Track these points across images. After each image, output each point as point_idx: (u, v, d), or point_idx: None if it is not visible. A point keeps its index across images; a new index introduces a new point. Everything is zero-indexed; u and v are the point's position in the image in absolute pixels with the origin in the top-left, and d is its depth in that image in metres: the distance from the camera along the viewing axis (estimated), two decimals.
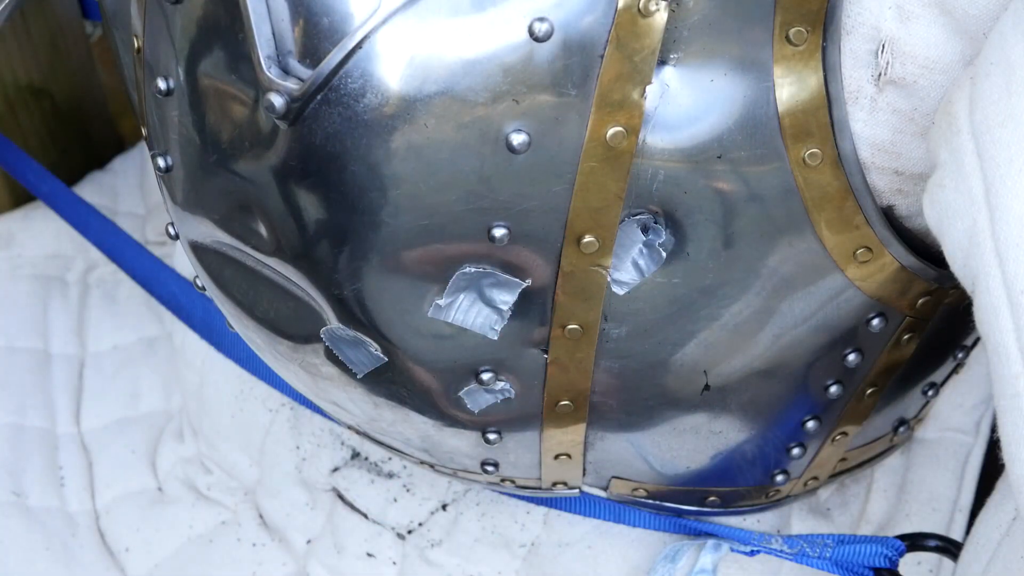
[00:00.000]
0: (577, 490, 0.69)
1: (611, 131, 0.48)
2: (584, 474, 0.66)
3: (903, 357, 0.61)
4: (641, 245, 0.52)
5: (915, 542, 0.65)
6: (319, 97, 0.49)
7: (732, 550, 0.70)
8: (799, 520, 0.74)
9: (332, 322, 0.57)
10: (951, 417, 0.77)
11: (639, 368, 0.58)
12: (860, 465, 0.73)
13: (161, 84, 0.55)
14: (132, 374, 0.92)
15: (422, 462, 0.69)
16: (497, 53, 0.47)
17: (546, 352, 0.56)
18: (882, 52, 0.49)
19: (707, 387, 0.59)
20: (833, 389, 0.61)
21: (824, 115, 0.49)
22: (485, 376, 0.57)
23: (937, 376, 0.68)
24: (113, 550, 0.82)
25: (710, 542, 0.70)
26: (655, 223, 0.52)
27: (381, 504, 0.78)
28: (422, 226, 0.51)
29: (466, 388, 0.58)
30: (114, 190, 1.06)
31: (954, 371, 0.70)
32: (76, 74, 1.04)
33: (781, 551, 0.68)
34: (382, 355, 0.57)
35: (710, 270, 0.53)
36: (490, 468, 0.66)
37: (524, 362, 0.57)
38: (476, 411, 0.60)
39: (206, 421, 0.86)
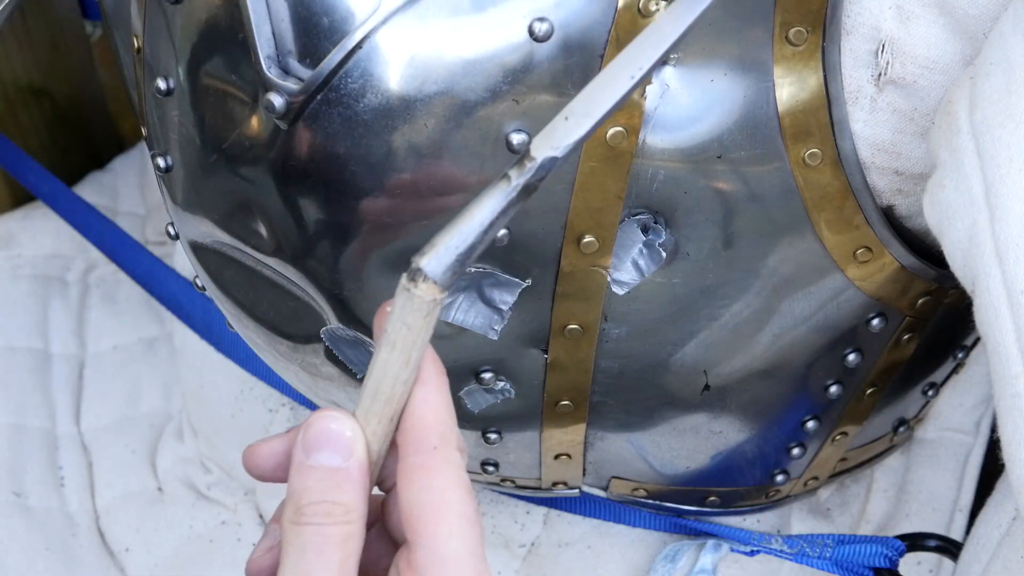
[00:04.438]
0: (577, 490, 0.69)
1: (611, 131, 0.48)
2: (584, 474, 0.66)
3: (903, 357, 0.61)
4: (641, 245, 0.52)
5: (915, 542, 0.65)
6: (319, 97, 0.49)
7: (732, 550, 0.70)
8: (799, 520, 0.74)
9: (332, 322, 0.57)
10: (951, 417, 0.77)
11: (639, 368, 0.58)
12: (860, 465, 0.73)
13: (161, 84, 0.55)
14: (132, 374, 0.92)
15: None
16: (497, 53, 0.47)
17: (546, 352, 0.56)
18: (882, 52, 0.49)
19: (707, 387, 0.59)
20: (833, 389, 0.61)
21: (824, 115, 0.49)
22: (485, 376, 0.57)
23: (937, 376, 0.68)
24: (113, 550, 0.82)
25: (710, 542, 0.70)
26: (655, 223, 0.52)
27: None
28: (422, 226, 0.51)
29: (466, 388, 0.58)
30: (114, 190, 1.06)
31: (954, 371, 0.70)
32: (76, 74, 1.03)
33: (781, 551, 0.68)
34: None
35: (710, 270, 0.53)
36: (490, 468, 0.66)
37: (524, 362, 0.57)
38: (476, 411, 0.60)
39: (206, 421, 0.86)
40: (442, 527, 0.37)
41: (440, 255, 0.38)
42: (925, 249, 0.55)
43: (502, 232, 0.51)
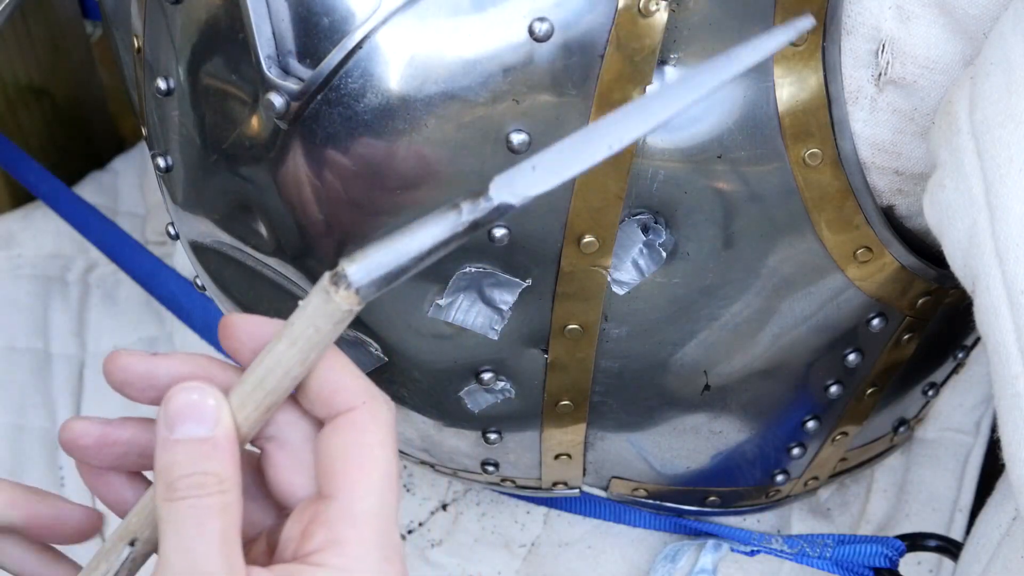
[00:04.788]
0: (577, 490, 0.69)
1: None
2: (584, 474, 0.66)
3: (903, 357, 0.61)
4: (641, 245, 0.52)
5: (915, 542, 0.65)
6: (319, 97, 0.49)
7: (732, 550, 0.70)
8: (799, 520, 0.74)
9: None
10: (951, 417, 0.77)
11: (639, 368, 0.58)
12: (860, 465, 0.73)
13: (161, 84, 0.55)
14: None
15: (422, 462, 0.69)
16: (497, 53, 0.47)
17: (546, 352, 0.56)
18: (882, 52, 0.49)
19: (707, 387, 0.59)
20: (833, 389, 0.61)
21: (824, 115, 0.49)
22: (485, 376, 0.57)
23: (937, 376, 0.68)
24: None
25: (710, 542, 0.70)
26: (655, 223, 0.52)
27: None
28: None
29: (466, 388, 0.58)
30: (114, 190, 1.06)
31: (954, 371, 0.70)
32: (76, 74, 1.03)
33: (781, 551, 0.68)
34: (382, 355, 0.57)
35: (710, 270, 0.53)
36: (490, 468, 0.66)
37: (524, 362, 0.57)
38: (476, 411, 0.60)
39: None
40: (362, 483, 0.37)
41: (370, 267, 0.36)
42: (925, 249, 0.55)
43: (502, 232, 0.51)
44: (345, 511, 0.37)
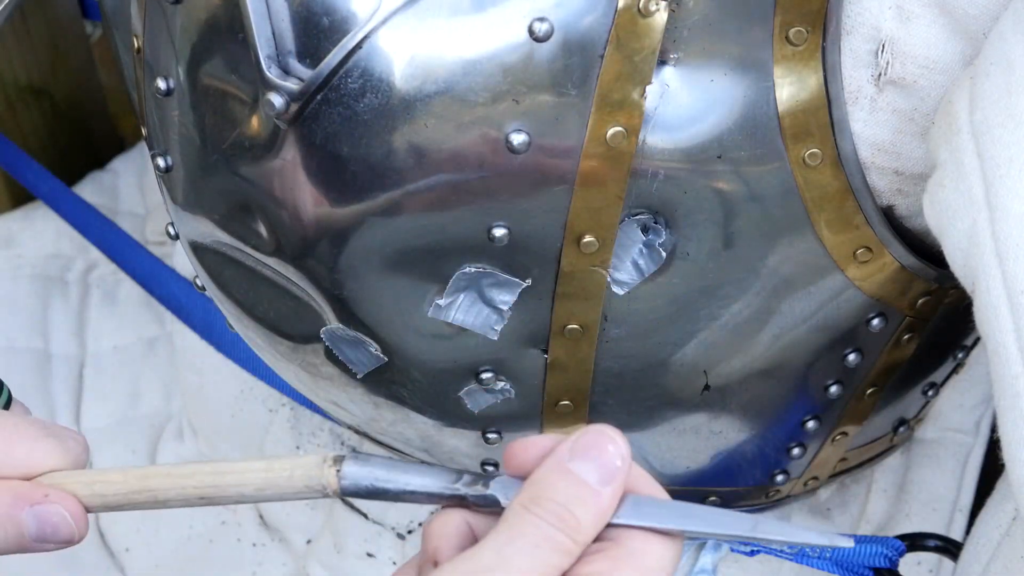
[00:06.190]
0: None
1: (611, 131, 0.48)
2: None
3: (903, 357, 0.61)
4: (641, 245, 0.52)
5: (915, 542, 0.65)
6: (319, 97, 0.49)
7: (732, 550, 0.70)
8: (799, 520, 0.74)
9: (332, 322, 0.57)
10: (951, 417, 0.77)
11: (639, 368, 0.58)
12: (860, 465, 0.73)
13: (161, 84, 0.55)
14: (132, 374, 0.92)
15: (422, 462, 0.69)
16: (497, 53, 0.47)
17: (546, 352, 0.56)
18: (882, 52, 0.49)
19: (707, 387, 0.59)
20: (833, 389, 0.61)
21: (824, 115, 0.49)
22: (485, 376, 0.57)
23: (937, 376, 0.68)
24: (113, 550, 0.82)
25: (710, 542, 0.70)
26: (655, 223, 0.52)
27: (381, 504, 0.78)
28: (422, 226, 0.51)
29: (466, 388, 0.58)
30: (114, 190, 1.06)
31: (954, 371, 0.70)
32: (76, 74, 1.04)
33: (781, 551, 0.68)
34: (382, 355, 0.57)
35: (710, 270, 0.53)
36: (490, 468, 0.66)
37: (524, 362, 0.57)
38: (476, 411, 0.60)
39: (206, 421, 0.86)
40: (655, 546, 0.37)
41: (363, 474, 0.38)
42: (925, 249, 0.55)
43: (502, 232, 0.51)
44: (633, 554, 0.37)
